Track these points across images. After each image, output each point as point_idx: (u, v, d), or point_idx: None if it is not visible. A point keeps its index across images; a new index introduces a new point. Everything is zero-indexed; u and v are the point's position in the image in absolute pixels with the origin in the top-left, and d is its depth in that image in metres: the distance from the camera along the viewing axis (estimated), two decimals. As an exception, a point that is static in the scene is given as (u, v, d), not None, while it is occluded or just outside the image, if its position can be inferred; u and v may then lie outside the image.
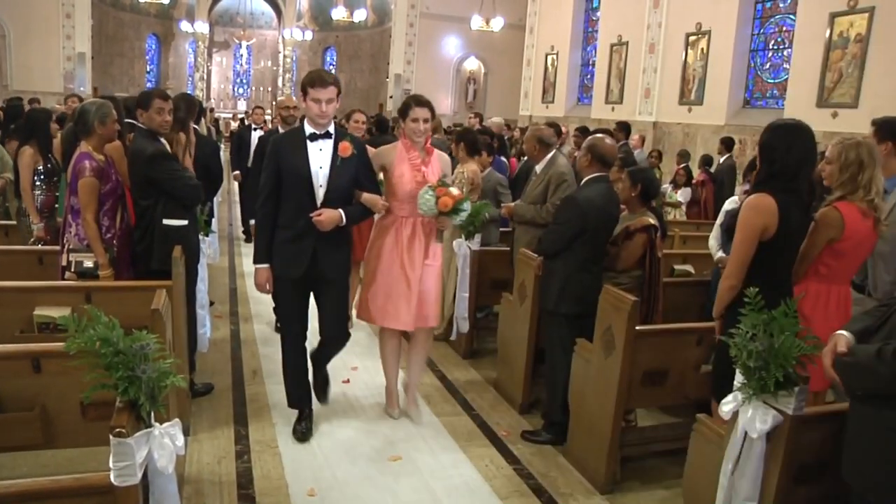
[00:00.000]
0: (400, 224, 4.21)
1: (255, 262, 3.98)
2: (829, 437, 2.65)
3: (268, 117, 14.65)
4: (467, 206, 4.08)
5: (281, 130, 5.87)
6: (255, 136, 8.99)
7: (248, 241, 9.69)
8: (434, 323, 4.41)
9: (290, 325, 4.16)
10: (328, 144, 3.90)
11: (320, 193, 3.86)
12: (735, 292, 3.12)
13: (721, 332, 3.18)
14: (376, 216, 4.31)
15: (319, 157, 3.87)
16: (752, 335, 2.56)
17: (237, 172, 9.35)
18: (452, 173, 5.13)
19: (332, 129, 3.93)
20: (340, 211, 3.87)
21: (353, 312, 4.71)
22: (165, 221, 4.21)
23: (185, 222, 4.33)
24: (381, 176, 4.35)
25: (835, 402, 3.45)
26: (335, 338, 4.18)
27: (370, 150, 4.33)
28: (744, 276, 3.15)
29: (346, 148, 3.87)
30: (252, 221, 5.90)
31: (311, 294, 4.13)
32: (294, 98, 6.67)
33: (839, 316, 3.28)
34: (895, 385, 2.14)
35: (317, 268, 3.92)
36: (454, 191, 4.01)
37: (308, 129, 3.91)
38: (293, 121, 6.19)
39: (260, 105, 12.92)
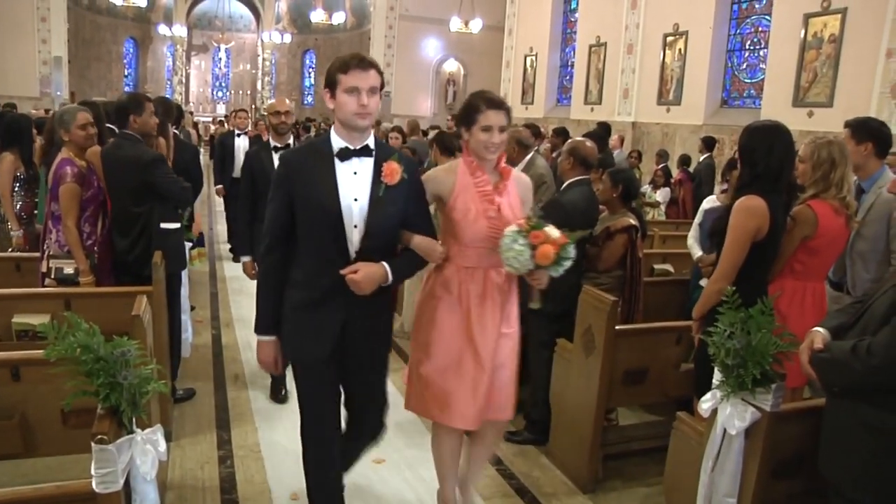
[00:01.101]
0: (464, 278, 2.91)
1: (257, 331, 2.84)
2: (806, 432, 2.68)
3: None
4: (572, 251, 2.75)
5: (272, 142, 4.76)
6: (240, 142, 8.55)
7: (235, 260, 8.33)
8: (510, 415, 3.13)
9: (318, 428, 2.87)
10: (367, 165, 2.68)
11: (355, 238, 2.65)
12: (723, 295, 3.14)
13: (700, 331, 3.21)
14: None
15: (354, 185, 2.65)
16: (730, 333, 2.59)
17: (220, 186, 8.58)
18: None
19: (371, 142, 2.70)
20: (384, 264, 2.67)
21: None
22: (163, 225, 4.19)
23: (179, 225, 4.35)
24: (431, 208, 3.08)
25: (811, 399, 3.50)
26: (370, 434, 3.08)
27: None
28: (734, 279, 3.16)
29: (394, 171, 2.68)
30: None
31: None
32: (287, 102, 5.07)
33: (814, 312, 3.33)
34: (870, 380, 2.18)
35: (347, 348, 2.76)
36: (553, 233, 2.72)
37: (337, 143, 2.67)
38: (285, 130, 4.85)
39: (243, 108, 12.31)
